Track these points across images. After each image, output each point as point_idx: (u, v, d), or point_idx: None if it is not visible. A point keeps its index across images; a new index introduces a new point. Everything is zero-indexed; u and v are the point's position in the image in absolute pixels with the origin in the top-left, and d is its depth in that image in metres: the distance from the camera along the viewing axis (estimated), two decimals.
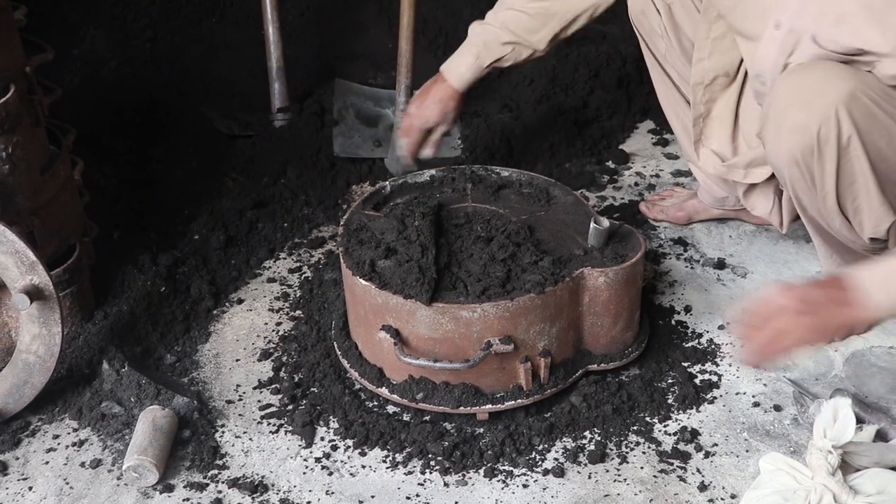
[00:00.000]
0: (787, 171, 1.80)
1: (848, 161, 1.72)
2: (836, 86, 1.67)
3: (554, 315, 1.85)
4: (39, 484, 1.83)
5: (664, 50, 2.16)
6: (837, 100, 1.66)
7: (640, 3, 2.14)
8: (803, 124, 1.70)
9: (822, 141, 1.70)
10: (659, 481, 1.79)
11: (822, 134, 1.69)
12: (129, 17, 3.18)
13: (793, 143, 1.74)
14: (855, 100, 1.67)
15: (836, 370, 2.03)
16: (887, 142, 1.70)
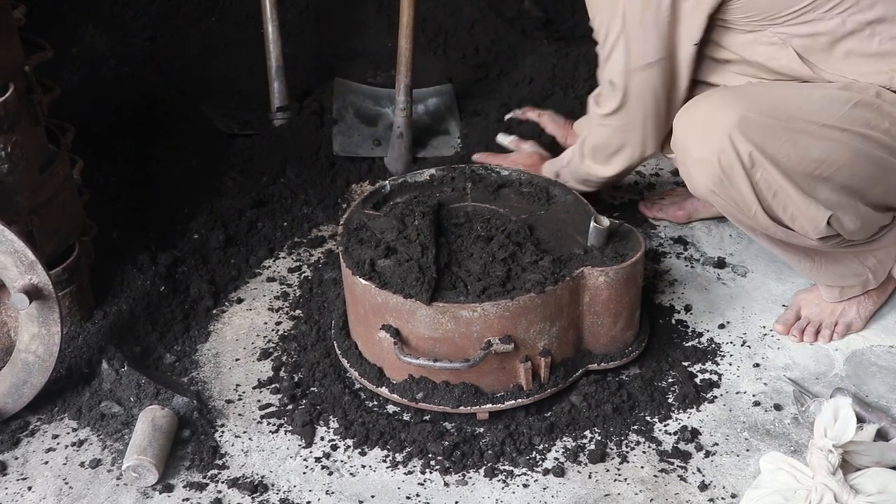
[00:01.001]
0: (712, 199, 1.89)
1: (761, 176, 1.79)
2: (724, 114, 1.77)
3: (554, 314, 1.85)
4: (39, 484, 1.83)
5: None
6: (729, 127, 1.76)
7: None
8: (704, 157, 1.80)
9: (726, 168, 1.78)
10: (659, 481, 1.79)
11: (723, 162, 1.78)
12: (129, 16, 3.17)
13: (704, 177, 1.83)
14: (746, 121, 1.76)
15: (836, 369, 2.03)
16: (791, 146, 1.76)
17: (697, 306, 2.22)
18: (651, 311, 2.17)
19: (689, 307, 2.22)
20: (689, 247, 2.43)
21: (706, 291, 2.27)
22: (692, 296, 2.25)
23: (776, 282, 2.28)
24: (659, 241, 2.44)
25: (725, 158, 1.78)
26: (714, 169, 1.80)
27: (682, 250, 2.41)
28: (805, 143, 1.77)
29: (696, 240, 2.45)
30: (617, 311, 1.92)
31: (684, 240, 2.45)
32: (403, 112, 2.79)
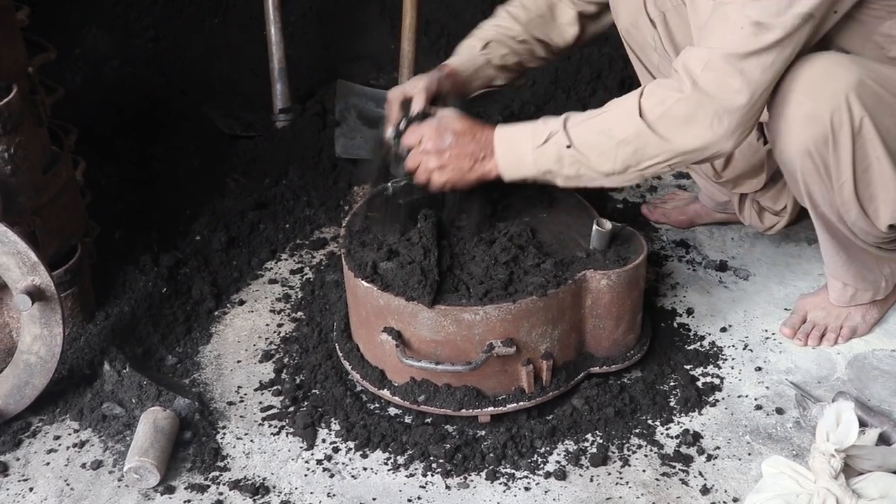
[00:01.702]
0: (800, 163, 1.80)
1: (862, 145, 1.74)
2: (843, 74, 1.71)
3: (556, 317, 1.85)
4: (40, 485, 1.83)
5: (657, 62, 2.16)
6: (847, 87, 1.70)
7: (632, 16, 2.11)
8: (815, 114, 1.73)
9: (836, 128, 1.73)
10: (661, 484, 1.79)
11: (835, 121, 1.72)
12: (132, 17, 3.18)
13: (806, 135, 1.76)
14: (863, 85, 1.71)
15: (838, 373, 2.02)
16: (894, 122, 1.73)
17: (699, 309, 2.22)
18: (653, 314, 2.17)
19: (690, 310, 2.21)
20: (691, 250, 2.42)
21: (708, 295, 2.27)
22: (694, 299, 2.25)
23: (778, 285, 2.28)
24: (661, 245, 2.44)
25: (838, 118, 1.71)
26: (823, 127, 1.72)
27: (684, 253, 2.41)
28: None
29: (698, 243, 2.45)
30: (619, 314, 1.92)
31: (686, 243, 2.45)
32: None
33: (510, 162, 1.84)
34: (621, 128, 1.74)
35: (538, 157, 1.80)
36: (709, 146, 1.72)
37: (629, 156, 1.75)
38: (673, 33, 2.09)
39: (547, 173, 1.81)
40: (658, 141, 1.71)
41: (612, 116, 1.77)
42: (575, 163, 1.78)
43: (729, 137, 1.71)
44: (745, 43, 1.65)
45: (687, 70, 1.69)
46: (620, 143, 1.74)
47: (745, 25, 1.64)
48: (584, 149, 1.76)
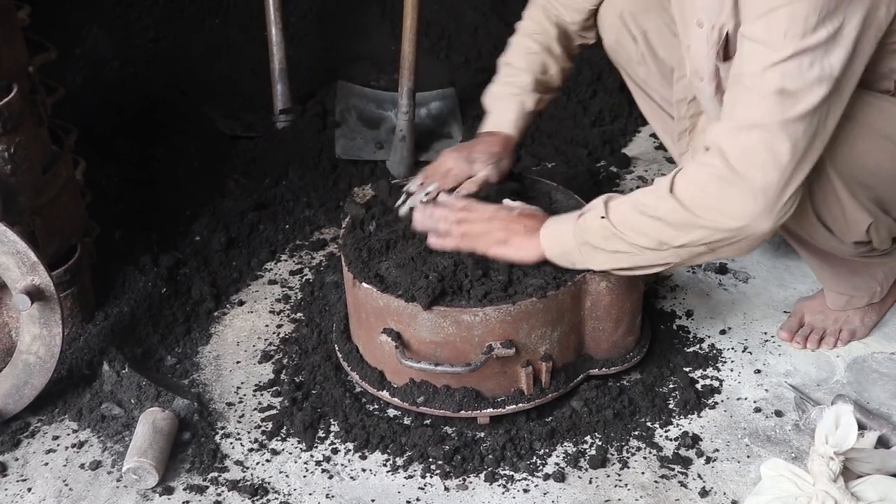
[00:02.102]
0: None
1: (815, 173, 1.71)
2: None
3: (556, 319, 1.85)
4: (39, 485, 1.83)
5: (644, 76, 2.17)
6: None
7: (614, 33, 2.13)
8: None
9: None
10: (660, 487, 1.79)
11: None
12: (132, 17, 3.18)
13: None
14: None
15: (837, 376, 2.02)
16: (848, 149, 1.71)
17: (699, 312, 2.22)
18: (652, 316, 2.17)
19: (690, 313, 2.21)
20: None
21: (708, 297, 2.27)
22: (693, 301, 2.25)
23: (778, 288, 2.28)
24: None
25: None
26: None
27: None
28: (861, 149, 1.71)
29: None
30: (618, 316, 1.92)
31: None
32: (406, 115, 2.79)
33: (552, 233, 1.80)
34: (654, 204, 1.69)
35: (577, 228, 1.76)
36: (745, 226, 1.62)
37: (661, 232, 1.68)
38: (655, 50, 2.10)
39: (584, 246, 1.76)
40: (690, 218, 1.65)
41: (650, 193, 1.72)
42: (610, 237, 1.72)
43: (767, 216, 1.61)
44: (773, 114, 1.57)
45: (717, 146, 1.62)
46: (652, 218, 1.68)
47: (768, 95, 1.56)
48: (618, 221, 1.71)
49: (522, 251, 1.82)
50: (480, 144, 2.05)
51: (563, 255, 1.80)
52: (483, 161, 2.02)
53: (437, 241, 1.86)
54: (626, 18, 2.09)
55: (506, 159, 2.05)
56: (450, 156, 2.05)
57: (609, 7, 2.12)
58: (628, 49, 2.14)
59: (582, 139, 2.89)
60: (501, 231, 1.84)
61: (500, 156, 2.04)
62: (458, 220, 1.86)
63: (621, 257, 1.75)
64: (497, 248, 1.83)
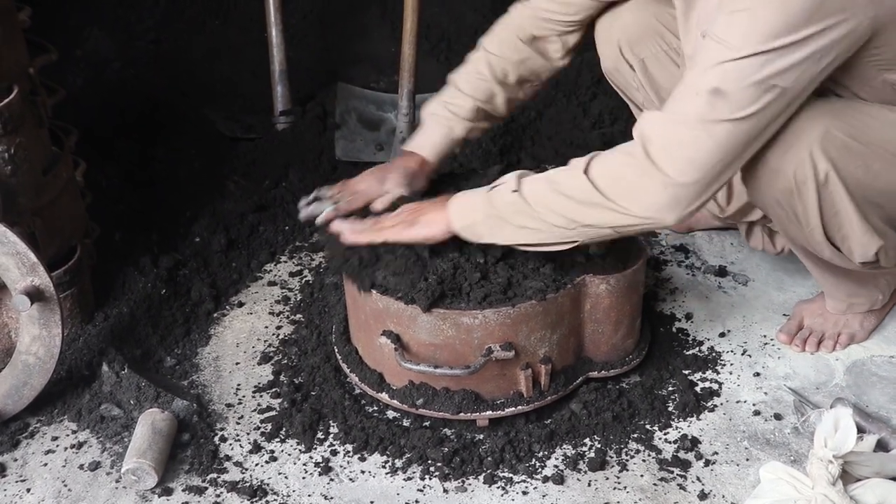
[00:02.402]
0: (771, 210, 1.83)
1: (828, 195, 1.72)
2: (807, 128, 1.67)
3: (555, 322, 1.85)
4: (38, 486, 1.83)
5: (642, 100, 2.17)
6: (812, 141, 1.66)
7: (612, 60, 2.12)
8: (778, 168, 1.71)
9: (800, 182, 1.71)
10: (659, 489, 1.79)
11: (798, 176, 1.70)
12: (133, 19, 3.19)
13: (771, 188, 1.75)
14: (829, 137, 1.67)
15: (836, 379, 2.02)
16: (863, 171, 1.71)
17: (698, 315, 2.22)
18: (652, 319, 2.17)
19: (689, 315, 2.21)
20: (691, 255, 2.43)
21: (707, 300, 2.27)
22: (693, 304, 2.25)
23: (777, 291, 2.28)
24: (660, 249, 2.45)
25: (801, 173, 1.69)
26: (787, 182, 1.71)
27: (684, 258, 2.41)
28: (877, 169, 1.70)
29: (698, 248, 2.45)
30: (618, 318, 1.92)
31: (685, 248, 2.45)
32: (406, 117, 2.79)
33: (461, 205, 1.78)
34: (567, 182, 1.68)
35: (488, 200, 1.74)
36: (650, 217, 1.63)
37: (571, 211, 1.68)
38: (654, 77, 2.10)
39: (492, 218, 1.74)
40: (600, 199, 1.64)
41: (563, 171, 1.71)
42: (521, 211, 1.71)
43: (674, 211, 1.62)
44: (700, 112, 1.56)
45: (641, 135, 1.62)
46: (563, 196, 1.67)
47: (702, 93, 1.55)
48: (531, 197, 1.70)
49: (430, 226, 1.81)
50: (395, 166, 2.04)
51: (471, 226, 1.78)
52: (395, 181, 2.00)
53: (351, 235, 1.86)
54: (622, 47, 2.08)
55: (420, 179, 2.03)
56: (365, 176, 2.04)
57: (605, 33, 2.09)
58: (626, 76, 2.14)
59: (582, 141, 2.89)
60: (410, 214, 1.84)
61: (414, 176, 2.02)
62: (373, 221, 1.88)
63: (527, 233, 1.75)
64: (406, 231, 1.82)
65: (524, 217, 1.72)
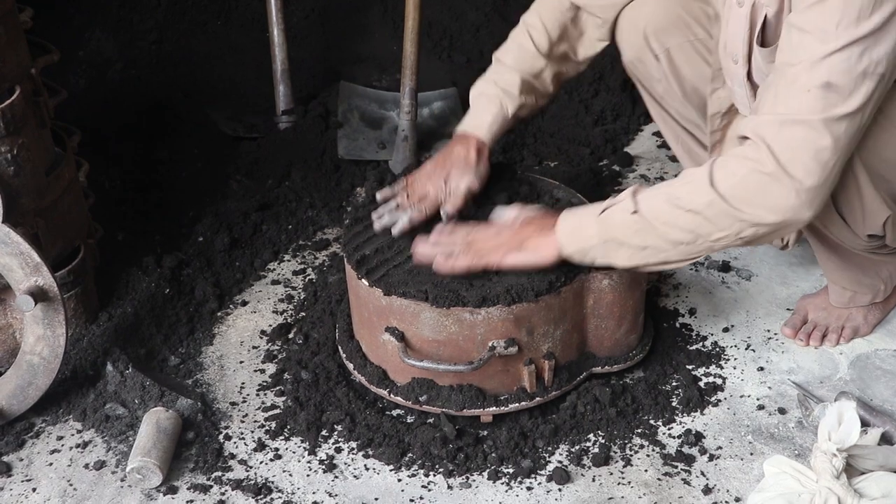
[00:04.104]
0: None
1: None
2: None
3: (558, 318, 1.85)
4: (43, 485, 1.83)
5: (662, 91, 2.15)
6: None
7: (636, 49, 2.10)
8: None
9: None
10: (663, 484, 1.79)
11: None
12: (135, 19, 3.19)
13: None
14: None
15: (840, 373, 2.02)
16: (873, 140, 1.70)
17: (702, 310, 2.21)
18: (655, 314, 2.17)
19: (693, 311, 2.21)
20: None
21: (710, 295, 2.26)
22: (696, 299, 2.25)
23: (781, 286, 2.28)
24: None
25: None
26: None
27: None
28: (885, 139, 1.69)
29: None
30: (621, 314, 1.92)
31: None
32: (408, 115, 2.79)
33: (570, 228, 1.72)
34: (691, 197, 1.63)
35: (602, 223, 1.69)
36: (786, 220, 1.60)
37: (699, 226, 1.63)
38: (678, 68, 2.08)
39: (609, 242, 1.69)
40: (730, 211, 1.60)
41: (683, 185, 1.66)
42: (641, 231, 1.67)
43: (807, 209, 1.60)
44: (816, 108, 1.54)
45: (760, 139, 1.58)
46: (689, 212, 1.63)
47: (813, 88, 1.53)
48: (651, 216, 1.65)
49: (539, 252, 1.77)
50: (454, 157, 1.99)
51: (583, 251, 1.74)
52: (459, 173, 1.96)
53: (445, 263, 1.80)
54: (649, 36, 2.05)
55: (482, 164, 1.99)
56: (426, 175, 1.99)
57: (630, 23, 2.07)
58: (649, 66, 2.11)
59: (584, 138, 2.89)
60: (514, 238, 1.79)
61: (477, 162, 1.98)
62: (465, 243, 1.82)
63: (649, 253, 1.70)
64: (512, 257, 1.79)
65: (645, 237, 1.68)
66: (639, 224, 1.68)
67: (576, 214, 1.77)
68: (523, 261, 1.79)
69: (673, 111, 2.20)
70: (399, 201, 1.97)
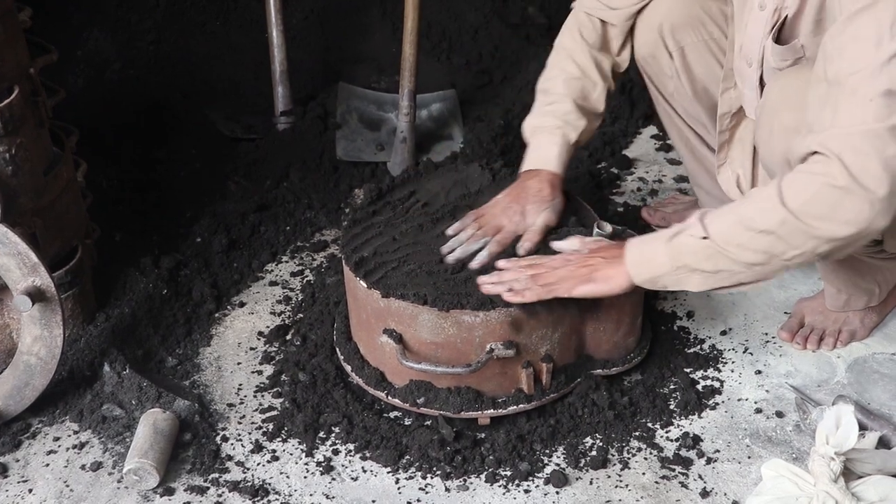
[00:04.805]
0: (781, 172, 1.79)
1: None
2: None
3: (556, 320, 1.85)
4: (39, 486, 1.83)
5: (672, 89, 2.16)
6: None
7: (650, 46, 2.10)
8: (793, 126, 1.70)
9: None
10: (661, 487, 1.79)
11: None
12: (134, 19, 3.18)
13: (784, 145, 1.73)
14: None
15: (838, 377, 2.02)
16: None
17: (700, 313, 2.21)
18: (653, 317, 2.17)
19: (691, 314, 2.21)
20: None
21: (708, 298, 2.26)
22: (694, 302, 2.25)
23: (778, 289, 2.28)
24: None
25: None
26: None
27: None
28: None
29: None
30: (619, 317, 1.92)
31: None
32: (407, 117, 2.79)
33: (639, 258, 1.72)
34: (762, 217, 1.61)
35: (672, 250, 1.69)
36: (860, 232, 1.57)
37: (772, 246, 1.61)
38: (691, 66, 2.09)
39: (681, 269, 1.69)
40: (804, 229, 1.58)
41: (752, 206, 1.64)
42: (713, 255, 1.65)
43: (882, 218, 1.56)
44: (882, 117, 1.52)
45: (831, 152, 1.55)
46: (762, 232, 1.60)
47: (876, 97, 1.51)
48: (722, 240, 1.64)
49: (611, 282, 1.76)
50: (528, 193, 1.98)
51: (655, 279, 1.74)
52: (536, 209, 1.96)
53: (513, 296, 1.78)
54: (664, 33, 2.06)
55: (557, 199, 1.99)
56: (501, 208, 1.97)
57: (645, 20, 2.08)
58: (662, 63, 2.12)
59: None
60: (582, 269, 1.79)
61: (552, 196, 1.98)
62: (532, 276, 1.80)
63: (723, 277, 1.69)
64: (582, 287, 1.77)
65: (718, 261, 1.67)
66: (710, 249, 1.66)
67: (644, 243, 1.77)
68: (594, 291, 1.78)
69: (681, 110, 2.21)
70: (471, 233, 1.95)
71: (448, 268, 1.87)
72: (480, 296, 1.79)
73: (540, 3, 3.47)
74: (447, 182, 2.13)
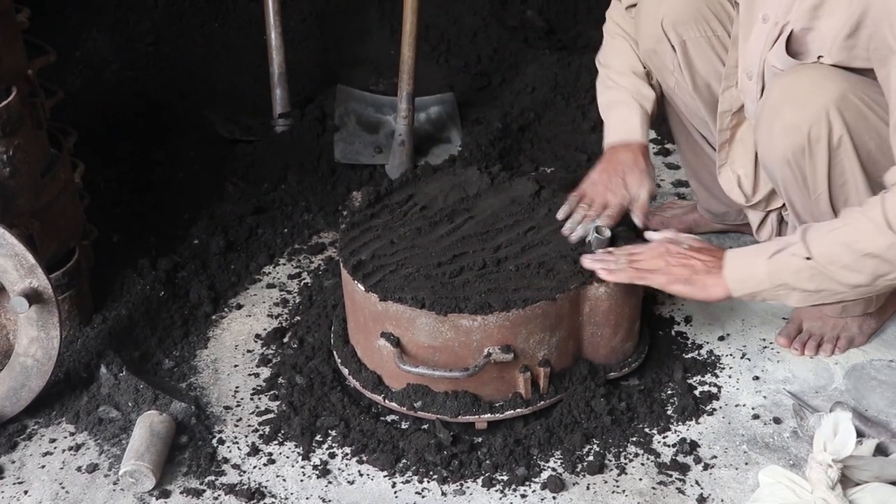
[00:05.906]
0: (780, 171, 1.82)
1: (839, 161, 1.74)
2: (828, 87, 1.70)
3: (554, 325, 1.84)
4: (35, 488, 1.82)
5: (673, 84, 2.16)
6: (829, 100, 1.69)
7: (653, 39, 2.10)
8: (795, 124, 1.73)
9: (814, 140, 1.73)
10: (657, 493, 1.79)
11: (812, 134, 1.72)
12: (132, 20, 3.18)
13: (785, 144, 1.76)
14: (846, 101, 1.70)
15: (836, 383, 2.02)
16: (876, 144, 1.72)
17: (697, 318, 2.21)
18: (651, 322, 2.17)
19: (689, 319, 2.21)
20: None
21: (706, 303, 2.26)
22: (692, 308, 2.25)
23: None
24: None
25: (816, 131, 1.71)
26: (801, 138, 1.73)
27: None
28: (889, 146, 1.70)
29: None
30: (617, 322, 1.92)
31: None
32: (405, 120, 2.79)
33: (740, 274, 1.74)
34: (868, 240, 1.62)
35: (773, 267, 1.70)
36: None
37: (877, 268, 1.63)
38: (692, 61, 2.09)
39: (781, 287, 1.70)
40: None
41: (856, 228, 1.65)
42: (816, 276, 1.67)
43: None
44: None
45: None
46: (867, 255, 1.62)
47: None
48: (826, 261, 1.65)
49: (709, 291, 1.78)
50: (624, 165, 2.01)
51: (754, 294, 1.75)
52: (637, 180, 2.00)
53: (608, 273, 1.82)
54: (666, 27, 2.07)
55: (650, 166, 2.03)
56: (602, 185, 2.00)
57: (649, 14, 2.09)
58: (664, 57, 2.12)
59: (581, 144, 2.89)
60: (680, 268, 1.80)
61: (647, 165, 2.02)
62: (629, 259, 1.83)
63: (824, 295, 1.71)
64: (679, 286, 1.80)
65: (820, 282, 1.68)
66: (813, 270, 1.68)
67: (744, 258, 1.78)
68: (691, 294, 1.80)
69: (682, 105, 2.21)
70: (584, 214, 1.97)
71: (446, 271, 1.87)
72: (478, 300, 1.79)
73: (538, 6, 3.47)
74: (445, 185, 2.12)
